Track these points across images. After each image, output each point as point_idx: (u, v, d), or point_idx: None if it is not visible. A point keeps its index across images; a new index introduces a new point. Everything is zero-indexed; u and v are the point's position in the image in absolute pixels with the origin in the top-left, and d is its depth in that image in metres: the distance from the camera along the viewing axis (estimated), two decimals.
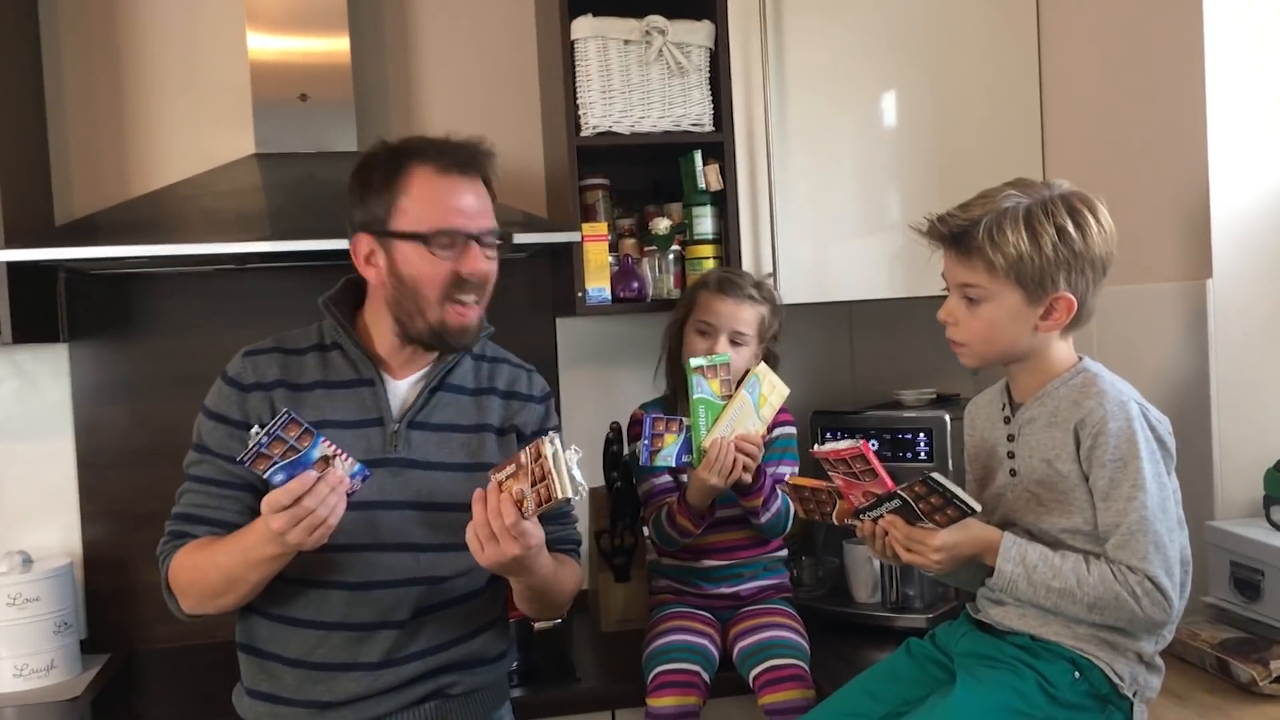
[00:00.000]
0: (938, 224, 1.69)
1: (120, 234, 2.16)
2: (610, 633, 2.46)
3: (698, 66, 2.41)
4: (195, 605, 1.70)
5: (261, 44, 2.42)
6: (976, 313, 1.68)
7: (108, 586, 2.53)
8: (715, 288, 2.22)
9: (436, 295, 1.70)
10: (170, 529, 1.74)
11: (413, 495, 1.73)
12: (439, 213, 1.69)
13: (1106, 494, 1.60)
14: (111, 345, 2.54)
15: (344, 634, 1.71)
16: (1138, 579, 1.56)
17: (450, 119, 2.65)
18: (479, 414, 1.82)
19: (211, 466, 1.72)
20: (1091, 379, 1.66)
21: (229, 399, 1.74)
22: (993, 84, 2.54)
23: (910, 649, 1.83)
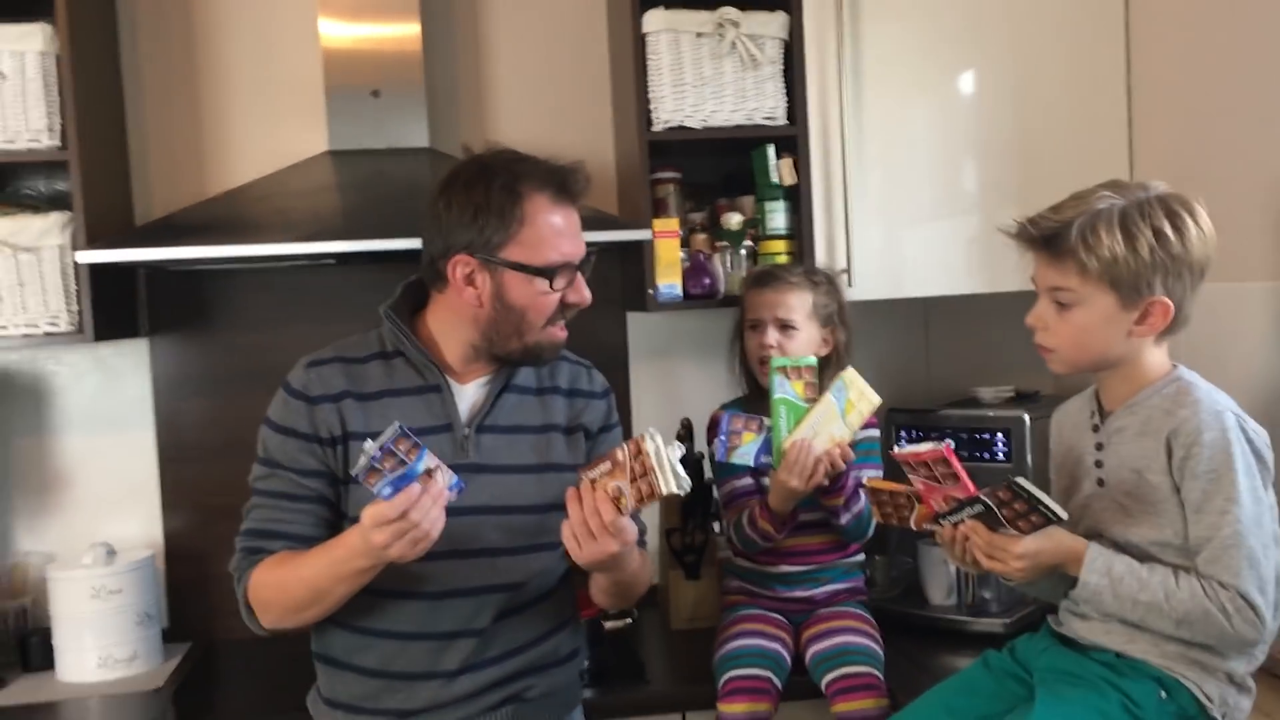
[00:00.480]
0: (1028, 226, 1.65)
1: (198, 234, 2.18)
2: (680, 630, 2.45)
3: (771, 59, 2.37)
4: (276, 621, 1.71)
5: (334, 38, 2.43)
6: (1067, 318, 1.63)
7: (188, 577, 2.58)
8: (753, 282, 2.23)
9: (542, 322, 1.71)
10: (244, 545, 1.74)
11: (486, 500, 1.73)
12: (555, 248, 1.69)
13: (1199, 506, 1.55)
14: (190, 339, 2.57)
15: (423, 643, 1.71)
16: (1229, 595, 1.52)
17: (521, 114, 2.65)
18: (545, 414, 1.82)
19: (282, 481, 1.72)
20: (1186, 388, 1.61)
21: (296, 411, 1.72)
22: (1077, 70, 2.46)
23: (988, 662, 1.80)
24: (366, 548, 1.56)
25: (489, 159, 1.72)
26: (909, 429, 2.44)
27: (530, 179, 1.68)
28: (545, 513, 1.76)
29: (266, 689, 2.28)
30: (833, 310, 2.21)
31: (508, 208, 1.66)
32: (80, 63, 2.25)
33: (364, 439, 1.67)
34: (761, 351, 2.17)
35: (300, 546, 1.70)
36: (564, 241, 1.70)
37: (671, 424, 2.49)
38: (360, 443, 1.66)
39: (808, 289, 2.18)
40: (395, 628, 1.71)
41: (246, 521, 1.77)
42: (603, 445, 1.87)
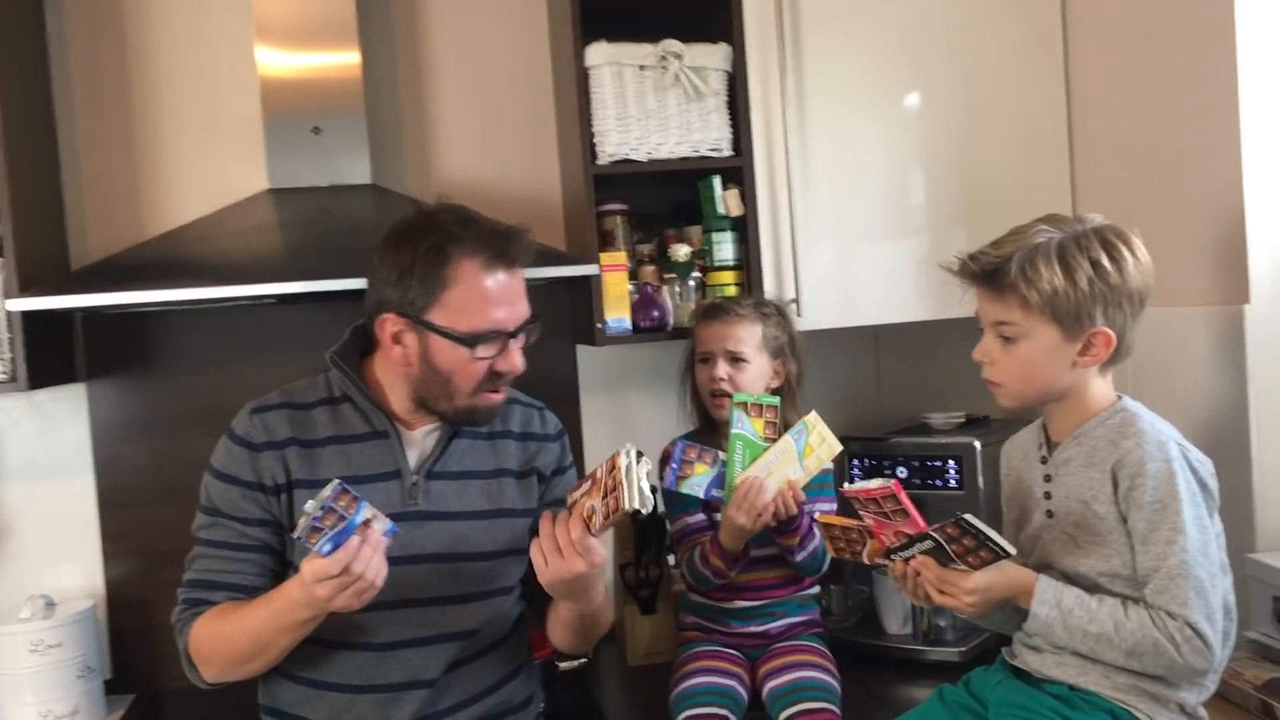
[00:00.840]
0: (969, 262, 1.66)
1: (137, 278, 2.13)
2: (637, 666, 2.42)
3: (715, 90, 2.36)
4: (219, 674, 1.68)
5: (273, 77, 2.39)
6: (1013, 351, 1.64)
7: (132, 626, 2.51)
8: (702, 315, 2.22)
9: (470, 388, 1.68)
10: (185, 597, 1.71)
11: (435, 547, 1.70)
12: (483, 315, 1.65)
13: (1145, 537, 1.56)
14: (130, 383, 2.52)
15: (373, 695, 1.68)
16: (1177, 625, 1.52)
17: (466, 151, 2.63)
18: (496, 458, 1.79)
19: (225, 530, 1.69)
20: (1130, 418, 1.62)
21: (240, 459, 1.69)
22: (1018, 91, 2.48)
23: (944, 696, 1.79)
24: (308, 599, 1.53)
25: (430, 216, 1.68)
26: (861, 457, 2.43)
27: (463, 242, 1.64)
28: (496, 559, 1.74)
29: None
30: (783, 342, 2.20)
31: (433, 270, 1.63)
32: (9, 103, 2.20)
33: (309, 486, 1.65)
34: (712, 385, 2.15)
35: (244, 597, 1.67)
36: (493, 308, 1.65)
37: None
38: (305, 490, 1.64)
39: (757, 320, 2.17)
40: (344, 680, 1.68)
41: (189, 572, 1.73)
42: (557, 488, 1.85)
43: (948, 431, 2.47)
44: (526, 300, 1.72)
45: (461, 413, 1.70)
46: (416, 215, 1.69)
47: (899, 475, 2.38)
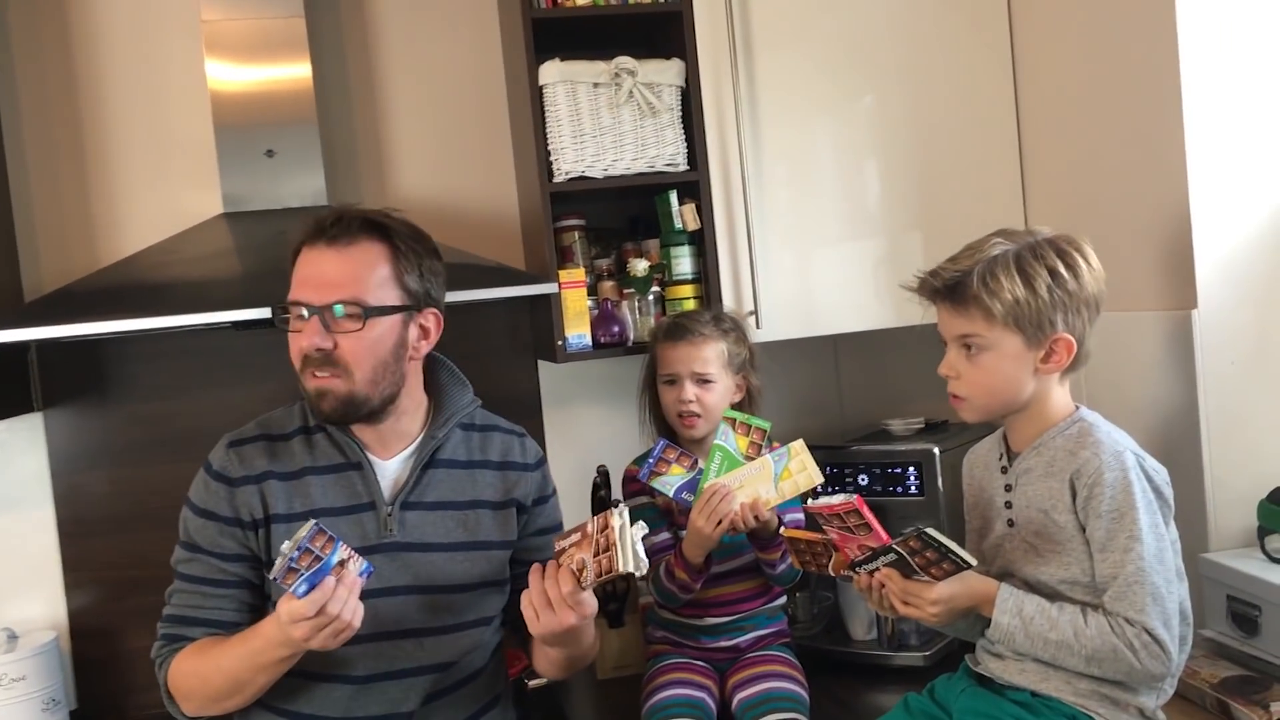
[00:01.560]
0: (930, 279, 1.69)
1: (93, 308, 2.11)
2: (606, 680, 2.43)
3: (669, 106, 2.38)
4: (199, 709, 1.68)
5: (225, 92, 2.37)
6: (978, 363, 1.67)
7: (96, 655, 2.49)
8: (665, 335, 2.19)
9: (297, 369, 1.68)
10: (164, 632, 1.70)
11: (411, 579, 1.70)
12: (291, 286, 1.67)
13: (1103, 545, 1.59)
14: (87, 411, 2.50)
15: None
16: (1135, 631, 1.55)
17: (421, 170, 2.63)
18: (473, 488, 1.79)
19: (202, 565, 1.68)
20: (1087, 428, 1.65)
21: (217, 494, 1.69)
22: (967, 95, 2.52)
23: (909, 705, 1.82)
24: (285, 639, 1.53)
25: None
26: (823, 465, 2.44)
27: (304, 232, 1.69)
28: (473, 591, 1.74)
29: None
30: (744, 357, 2.21)
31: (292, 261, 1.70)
32: None
33: (287, 520, 1.65)
34: (680, 406, 2.16)
35: (221, 632, 1.67)
36: (295, 286, 1.67)
37: (586, 470, 2.49)
38: (283, 524, 1.64)
39: (720, 338, 2.17)
40: (322, 712, 1.67)
41: (168, 606, 1.72)
42: (539, 517, 1.85)
43: (907, 437, 2.50)
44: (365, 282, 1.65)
45: (308, 402, 1.69)
46: None
47: (860, 484, 2.40)
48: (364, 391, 1.66)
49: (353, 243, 1.66)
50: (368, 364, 1.66)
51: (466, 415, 1.82)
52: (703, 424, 2.16)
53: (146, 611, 1.82)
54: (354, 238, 1.66)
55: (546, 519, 1.88)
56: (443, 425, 1.77)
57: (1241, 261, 2.01)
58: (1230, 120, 2.00)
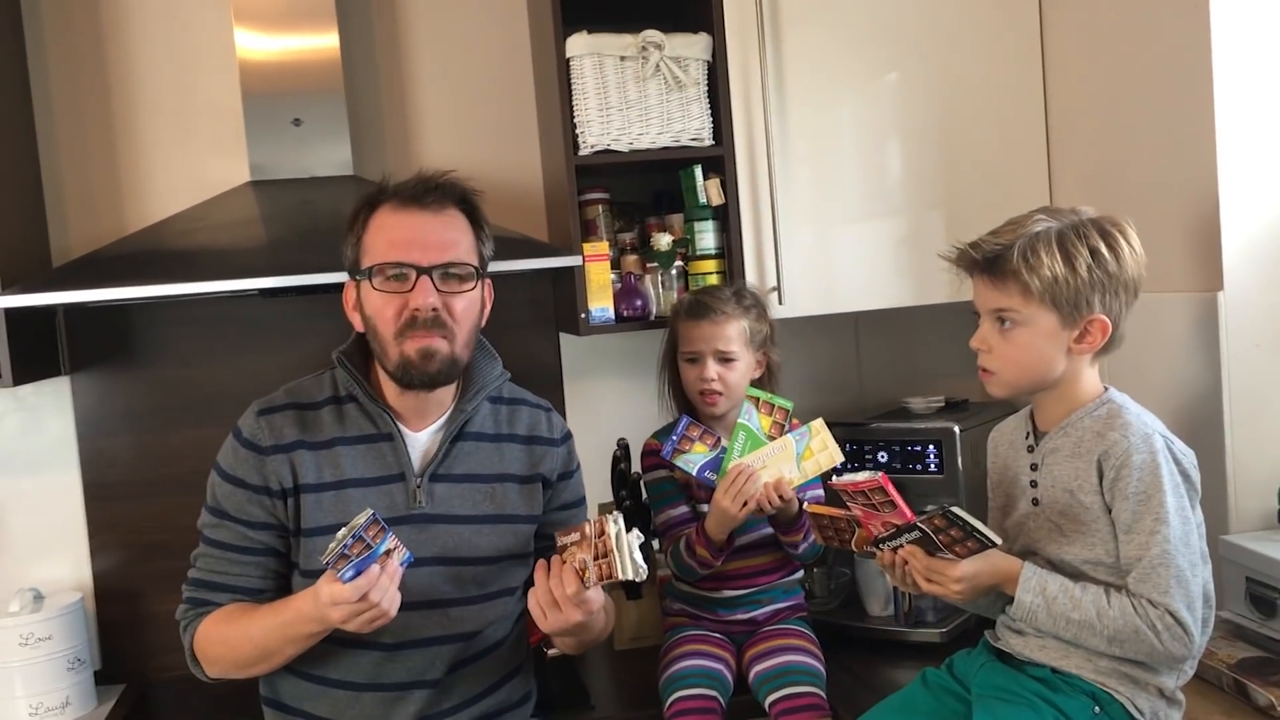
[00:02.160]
0: (970, 250, 1.69)
1: (119, 273, 2.13)
2: (624, 651, 2.45)
3: (696, 80, 2.37)
4: (223, 673, 1.70)
5: (252, 61, 2.38)
6: (1010, 338, 1.67)
7: (120, 617, 2.53)
8: (687, 313, 2.19)
9: (391, 332, 1.66)
10: (190, 595, 1.72)
11: (439, 551, 1.71)
12: (386, 246, 1.66)
13: (1129, 527, 1.59)
14: (114, 376, 2.52)
15: (377, 694, 1.70)
16: (1158, 613, 1.56)
17: (446, 141, 2.63)
18: (501, 462, 1.80)
19: (230, 532, 1.70)
20: (1116, 410, 1.66)
21: (246, 462, 1.70)
22: (995, 74, 2.50)
23: (926, 679, 1.83)
24: (319, 616, 1.55)
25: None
26: (843, 442, 2.45)
27: (385, 193, 1.69)
28: (499, 563, 1.76)
29: None
30: (765, 334, 2.22)
31: (361, 220, 1.69)
32: None
33: (316, 490, 1.66)
34: (702, 384, 2.16)
35: (247, 599, 1.69)
36: (397, 244, 1.66)
37: (606, 443, 2.49)
38: (312, 494, 1.66)
39: (741, 315, 2.18)
40: (349, 678, 1.69)
41: (193, 570, 1.74)
42: (563, 492, 1.87)
43: (927, 415, 2.50)
44: (462, 247, 1.70)
45: (401, 366, 1.67)
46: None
47: (880, 461, 2.41)
48: (462, 354, 1.71)
49: (444, 209, 1.70)
50: (468, 326, 1.71)
51: (495, 388, 1.83)
52: (724, 401, 2.17)
53: (170, 575, 1.84)
54: (445, 204, 1.70)
55: (571, 494, 1.90)
56: (473, 398, 1.78)
57: (1268, 244, 2.00)
58: (1261, 103, 1.99)
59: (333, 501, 1.68)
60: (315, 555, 1.66)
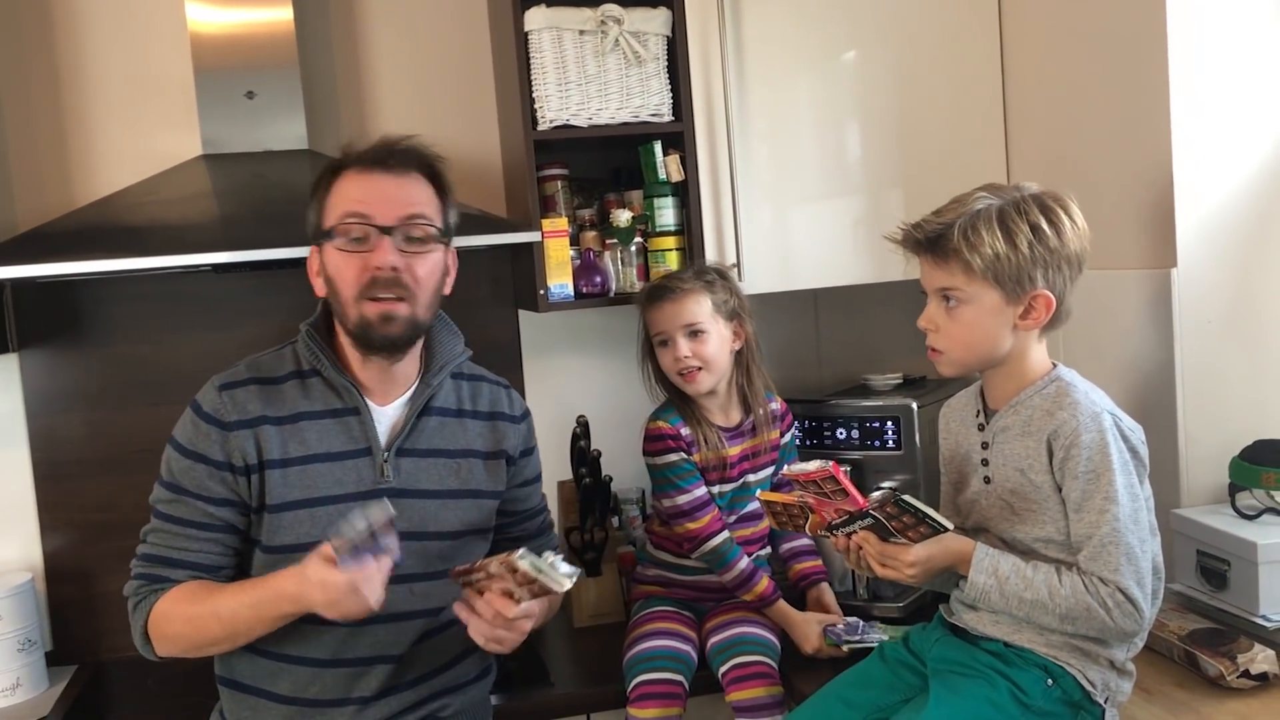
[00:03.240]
0: (912, 230, 1.69)
1: (67, 248, 2.09)
2: (583, 628, 2.45)
3: (655, 55, 2.36)
4: (175, 653, 1.67)
5: (205, 41, 2.33)
6: (956, 316, 1.67)
7: (71, 597, 2.49)
8: (648, 298, 2.20)
9: (353, 293, 1.64)
10: (142, 571, 1.69)
11: (405, 525, 1.68)
12: (346, 205, 1.64)
13: (1079, 505, 1.61)
14: (63, 353, 2.48)
15: (339, 670, 1.69)
16: (1109, 590, 1.57)
17: (403, 115, 2.60)
18: (465, 437, 1.79)
19: (187, 508, 1.66)
20: (1065, 388, 1.66)
21: (208, 437, 1.66)
22: (954, 63, 2.51)
23: (884, 653, 1.84)
24: (300, 594, 1.54)
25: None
26: (802, 419, 2.47)
27: (349, 159, 1.67)
28: (462, 538, 1.75)
29: (161, 711, 2.22)
30: (734, 304, 2.21)
31: (324, 183, 1.67)
32: None
33: (281, 466, 1.64)
34: (679, 365, 2.16)
35: (206, 576, 1.66)
36: (356, 202, 1.64)
37: (567, 420, 2.49)
38: (277, 470, 1.64)
39: (704, 290, 2.17)
40: (310, 654, 1.67)
41: (146, 545, 1.70)
42: (525, 469, 1.87)
43: (886, 392, 2.51)
44: (425, 208, 1.68)
45: (361, 327, 1.65)
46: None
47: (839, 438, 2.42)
48: (424, 317, 1.69)
49: (408, 173, 1.68)
50: (429, 288, 1.68)
51: (458, 364, 1.82)
52: (706, 376, 2.17)
53: (122, 555, 1.80)
54: (409, 169, 1.68)
55: (531, 470, 1.90)
56: (438, 373, 1.77)
57: (1221, 221, 2.02)
58: (1215, 83, 2.00)
59: (299, 476, 1.66)
60: (281, 531, 1.64)
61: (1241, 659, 1.74)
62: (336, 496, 1.66)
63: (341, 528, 1.50)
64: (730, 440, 2.22)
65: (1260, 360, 2.05)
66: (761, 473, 2.27)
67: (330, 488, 1.66)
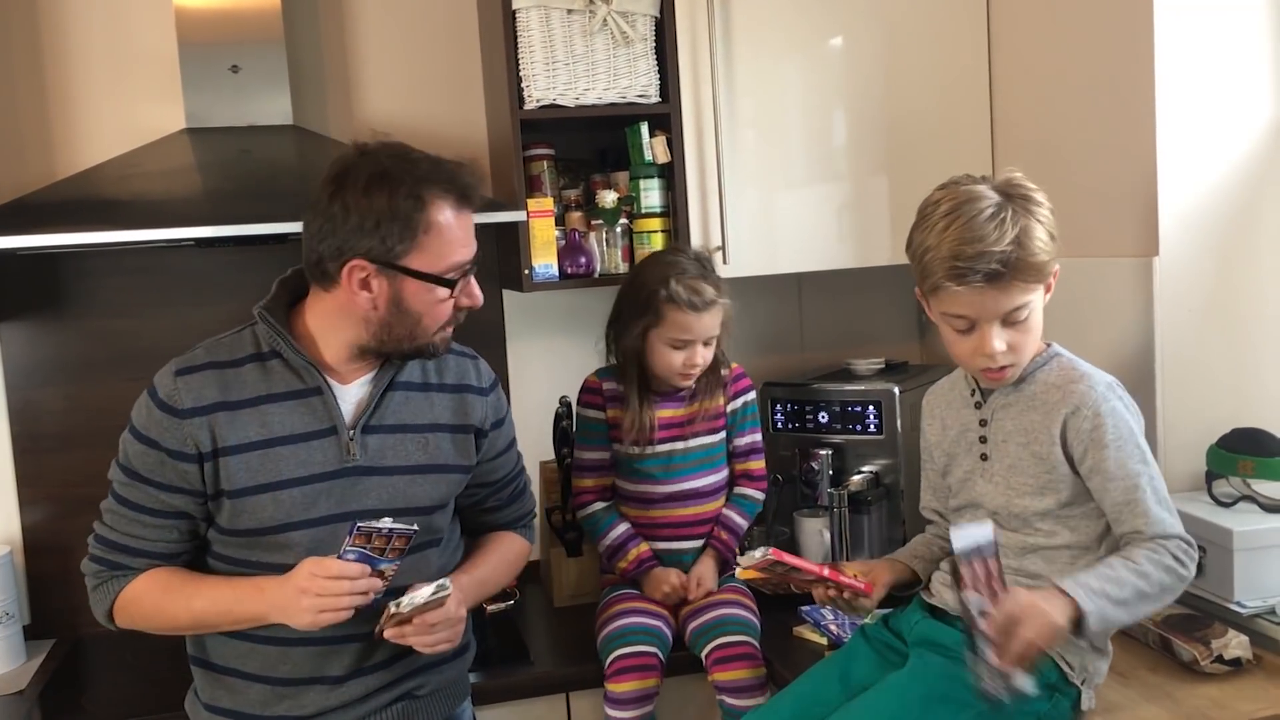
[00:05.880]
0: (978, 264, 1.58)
1: (48, 220, 2.07)
2: (563, 608, 2.46)
3: (643, 36, 2.35)
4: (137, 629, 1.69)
5: (190, 13, 2.31)
6: (1026, 328, 1.65)
7: (49, 571, 2.48)
8: (687, 306, 2.14)
9: (436, 326, 1.68)
10: (100, 555, 1.69)
11: (374, 503, 1.68)
12: (458, 253, 1.65)
13: (1114, 474, 1.63)
14: (43, 326, 2.46)
15: (309, 649, 1.68)
16: (1175, 544, 1.60)
17: (389, 93, 2.59)
18: (431, 411, 1.78)
19: (141, 493, 1.65)
20: (1068, 363, 1.70)
21: (161, 425, 1.63)
22: (940, 49, 2.52)
23: (866, 634, 1.86)
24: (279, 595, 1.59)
25: (385, 161, 1.62)
26: (784, 402, 2.48)
27: (432, 185, 1.62)
28: (431, 514, 1.75)
29: (139, 687, 2.22)
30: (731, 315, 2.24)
31: (414, 215, 1.60)
32: None
33: (237, 452, 1.63)
34: (688, 368, 2.19)
35: (161, 563, 1.66)
36: (463, 249, 1.66)
37: (550, 400, 2.49)
38: (234, 456, 1.64)
39: (724, 302, 2.19)
40: (279, 633, 1.66)
41: (103, 526, 1.70)
42: (498, 440, 1.86)
43: (868, 377, 2.52)
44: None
45: (421, 350, 1.70)
46: (368, 158, 1.63)
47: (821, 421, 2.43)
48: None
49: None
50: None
51: None
52: (699, 374, 2.23)
53: None
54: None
55: (504, 440, 1.89)
56: None
57: (1204, 210, 2.03)
58: (1199, 70, 2.02)
59: (260, 460, 1.64)
60: (244, 515, 1.64)
61: (1215, 644, 1.76)
62: (302, 479, 1.65)
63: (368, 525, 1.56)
64: (663, 404, 2.24)
65: (1239, 349, 2.07)
66: (696, 440, 2.25)
67: (294, 470, 1.65)
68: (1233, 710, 1.66)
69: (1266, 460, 1.93)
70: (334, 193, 1.61)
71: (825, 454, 2.42)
